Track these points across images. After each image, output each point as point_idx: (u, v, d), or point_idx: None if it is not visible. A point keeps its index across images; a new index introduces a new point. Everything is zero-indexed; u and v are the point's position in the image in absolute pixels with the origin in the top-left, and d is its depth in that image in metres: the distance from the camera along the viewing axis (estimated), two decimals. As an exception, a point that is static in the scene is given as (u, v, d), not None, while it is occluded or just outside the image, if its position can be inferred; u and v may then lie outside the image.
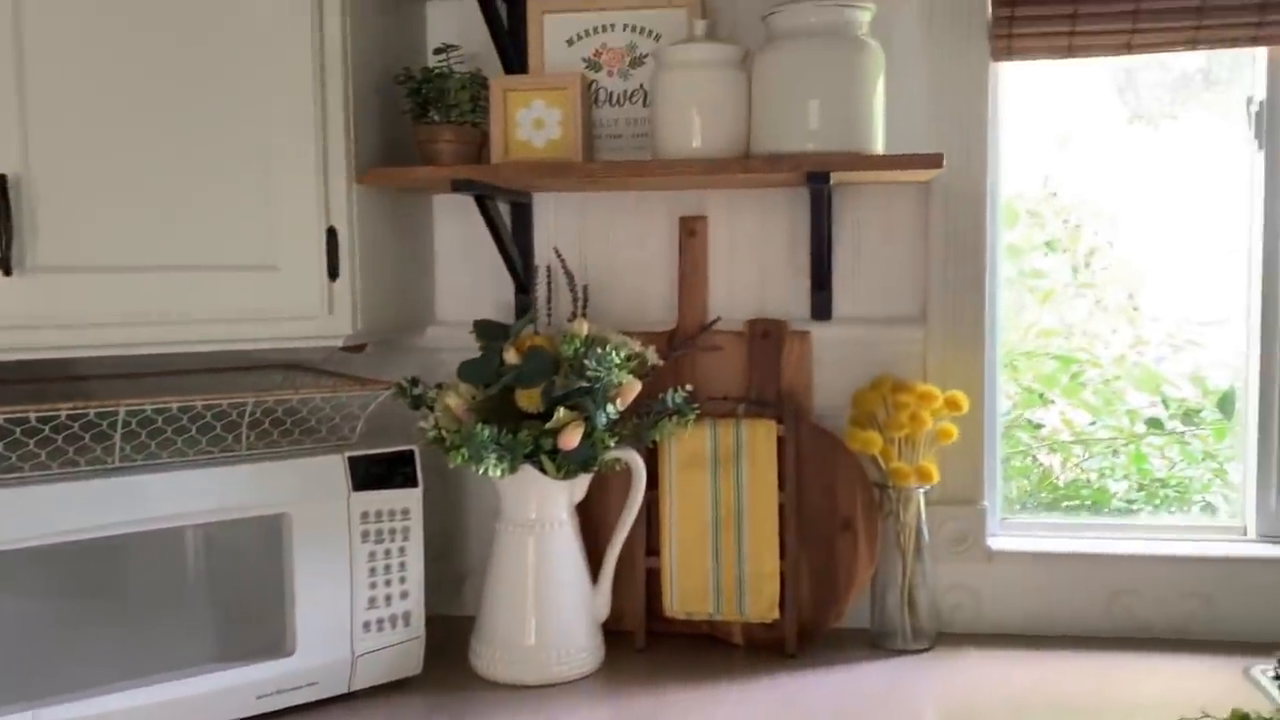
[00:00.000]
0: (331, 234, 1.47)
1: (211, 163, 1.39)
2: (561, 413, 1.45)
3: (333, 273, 1.48)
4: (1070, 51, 1.64)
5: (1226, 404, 1.90)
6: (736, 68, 1.53)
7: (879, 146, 1.50)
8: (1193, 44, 1.61)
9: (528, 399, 1.49)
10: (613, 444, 1.50)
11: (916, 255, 1.70)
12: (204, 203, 1.39)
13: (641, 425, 1.56)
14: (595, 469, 1.52)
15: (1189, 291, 1.87)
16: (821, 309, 1.70)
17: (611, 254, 1.77)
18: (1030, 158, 1.81)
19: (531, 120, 1.61)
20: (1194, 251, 1.83)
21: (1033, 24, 1.63)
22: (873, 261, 1.71)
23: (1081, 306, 1.94)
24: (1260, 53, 1.66)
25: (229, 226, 1.41)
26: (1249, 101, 1.68)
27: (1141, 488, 1.91)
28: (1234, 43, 1.61)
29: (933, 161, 1.47)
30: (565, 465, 1.48)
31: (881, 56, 1.49)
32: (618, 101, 1.68)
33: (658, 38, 1.66)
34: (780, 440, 1.64)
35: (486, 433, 1.43)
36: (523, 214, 1.76)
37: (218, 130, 1.39)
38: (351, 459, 1.46)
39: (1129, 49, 1.63)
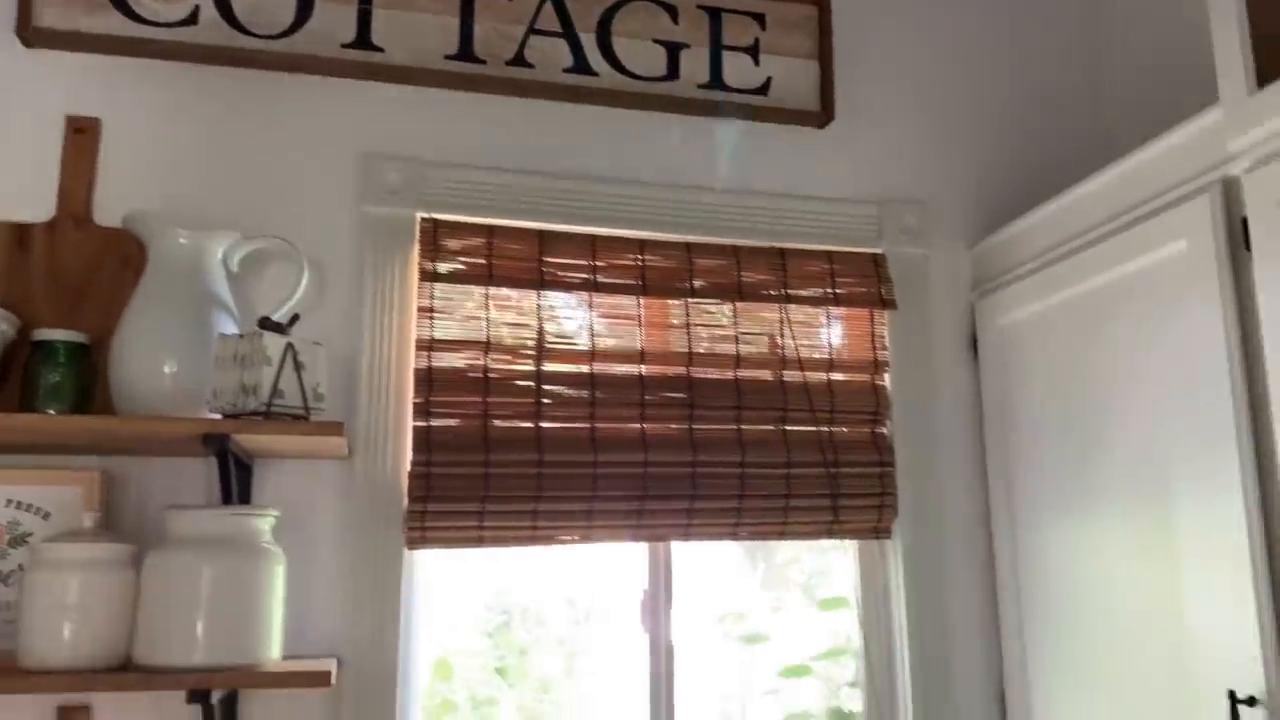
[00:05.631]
0: None
1: None
2: None
3: None
4: (481, 542, 1.76)
5: None
6: (124, 567, 1.42)
7: (275, 656, 1.45)
8: (587, 538, 1.81)
9: None
10: None
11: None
12: None
13: None
14: None
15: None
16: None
17: (-37, 756, 1.51)
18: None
19: None
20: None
21: (444, 518, 1.73)
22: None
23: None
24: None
25: None
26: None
27: None
28: (618, 538, 1.83)
29: (320, 681, 1.44)
30: None
31: (282, 563, 1.48)
32: (-13, 584, 1.49)
33: (47, 515, 1.53)
34: None
35: None
36: None
37: None
38: None
39: (533, 541, 1.78)
